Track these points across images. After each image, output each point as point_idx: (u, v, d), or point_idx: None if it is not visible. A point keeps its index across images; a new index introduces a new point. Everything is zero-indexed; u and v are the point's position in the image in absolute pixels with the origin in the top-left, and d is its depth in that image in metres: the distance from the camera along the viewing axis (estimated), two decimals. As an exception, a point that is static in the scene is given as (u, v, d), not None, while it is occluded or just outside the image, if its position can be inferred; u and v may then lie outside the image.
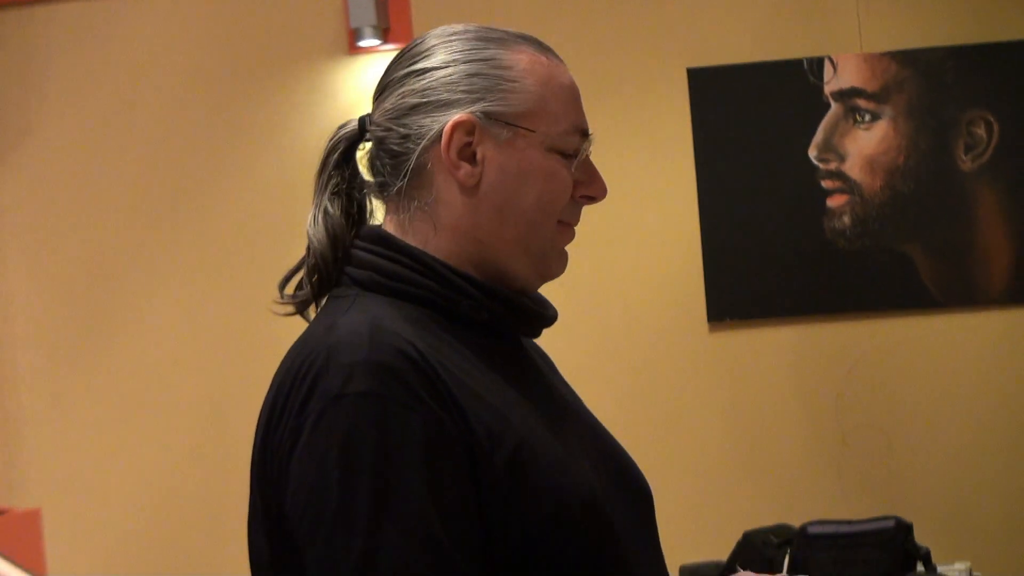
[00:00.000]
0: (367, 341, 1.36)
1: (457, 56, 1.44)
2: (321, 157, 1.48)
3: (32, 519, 4.09)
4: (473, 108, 1.41)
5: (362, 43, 4.07)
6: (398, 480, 1.34)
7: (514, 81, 1.44)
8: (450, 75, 1.43)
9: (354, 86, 4.16)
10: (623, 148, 4.16)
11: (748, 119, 4.11)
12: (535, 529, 1.38)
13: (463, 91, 1.42)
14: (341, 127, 1.48)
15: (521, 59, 1.45)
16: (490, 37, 1.46)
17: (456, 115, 1.40)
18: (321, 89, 4.16)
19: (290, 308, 1.47)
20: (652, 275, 4.20)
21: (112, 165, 4.41)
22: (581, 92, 1.51)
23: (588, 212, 1.66)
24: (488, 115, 1.42)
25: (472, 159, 1.41)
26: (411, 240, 1.45)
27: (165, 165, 4.38)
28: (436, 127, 1.41)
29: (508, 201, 1.43)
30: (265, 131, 4.23)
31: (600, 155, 1.82)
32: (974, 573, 3.87)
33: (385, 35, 4.07)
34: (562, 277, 1.75)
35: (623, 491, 1.48)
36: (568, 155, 1.44)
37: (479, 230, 1.44)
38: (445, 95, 1.43)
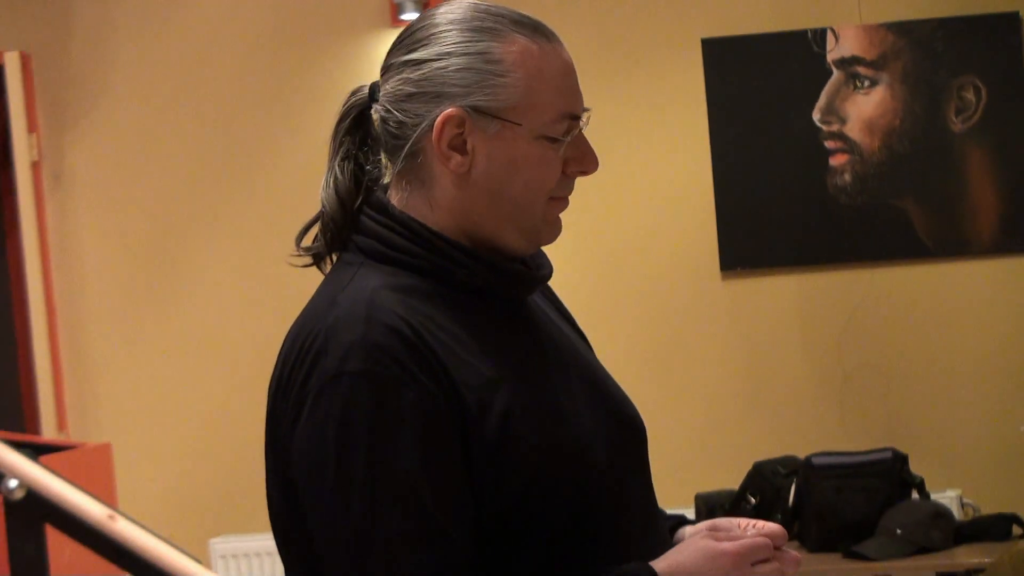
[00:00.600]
0: (363, 321, 1.40)
1: (451, 48, 1.47)
2: (335, 122, 1.54)
3: (103, 453, 4.00)
4: (464, 102, 1.45)
5: (403, 16, 4.21)
6: (392, 454, 1.39)
7: (503, 76, 1.46)
8: (443, 68, 1.47)
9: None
10: (642, 112, 4.33)
11: (757, 85, 4.29)
12: (525, 487, 1.43)
13: (455, 84, 1.45)
14: (353, 93, 1.52)
15: (512, 51, 1.47)
16: (484, 27, 1.49)
17: (447, 108, 1.44)
18: (366, 58, 4.33)
19: (307, 259, 1.53)
20: (669, 228, 4.40)
21: (176, 126, 4.64)
22: (603, 61, 1.70)
23: (611, 171, 1.86)
24: (477, 109, 1.45)
25: (463, 149, 1.45)
26: (411, 212, 1.49)
27: (225, 127, 4.58)
28: (429, 117, 1.45)
29: (498, 187, 1.47)
30: (315, 95, 4.41)
31: (621, 119, 2.05)
32: (964, 499, 4.17)
33: (424, 8, 4.17)
34: (590, 231, 1.96)
35: (617, 431, 1.54)
36: (557, 140, 1.48)
37: (472, 211, 1.48)
38: (438, 87, 1.46)
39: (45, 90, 4.70)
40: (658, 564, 1.45)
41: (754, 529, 1.53)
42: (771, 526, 1.54)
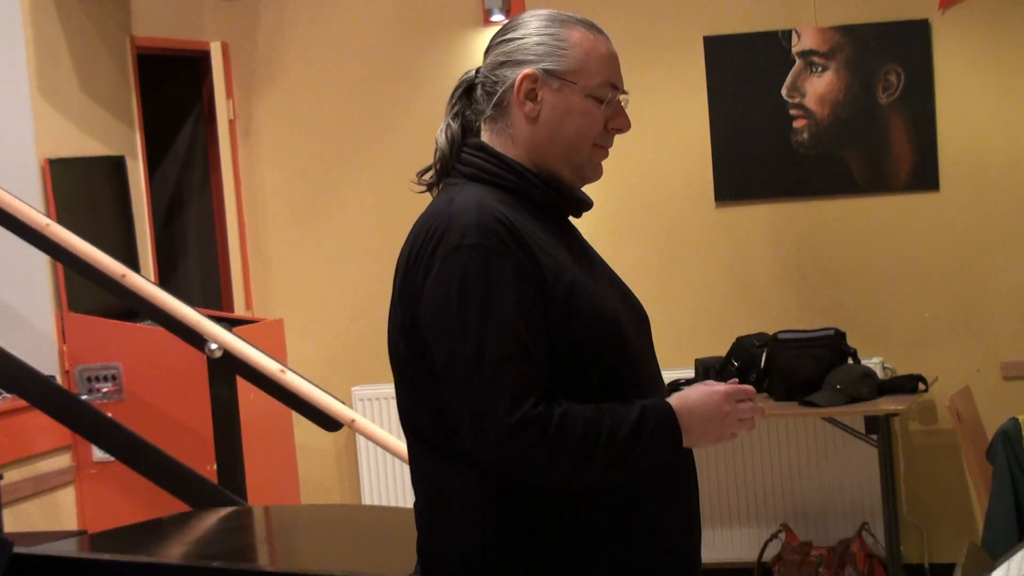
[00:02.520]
0: (475, 212, 1.64)
1: (531, 31, 1.75)
2: (451, 90, 1.79)
3: (277, 325, 5.06)
4: (537, 65, 1.71)
5: (493, 18, 5.12)
6: (496, 303, 1.62)
7: (565, 50, 1.73)
8: (524, 43, 1.74)
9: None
10: (659, 95, 5.12)
11: (742, 70, 5.09)
12: (580, 334, 1.67)
13: (532, 53, 1.72)
14: (465, 73, 1.79)
15: (573, 35, 1.73)
16: (555, 19, 1.77)
17: (526, 69, 1.70)
18: (463, 47, 5.27)
19: (422, 188, 1.80)
20: (681, 170, 5.25)
21: (331, 94, 5.62)
22: (625, 52, 1.89)
23: (637, 136, 2.06)
24: (546, 71, 1.71)
25: (535, 98, 1.70)
26: (498, 148, 1.72)
27: (366, 94, 5.57)
28: (513, 77, 1.71)
29: (557, 128, 1.71)
30: (427, 74, 5.30)
31: (640, 103, 2.24)
32: (885, 364, 5.05)
33: (508, 12, 5.09)
34: (621, 173, 2.33)
35: (633, 317, 1.79)
36: (601, 100, 1.72)
37: (539, 147, 1.71)
38: (520, 56, 1.73)
39: (238, 68, 5.69)
40: (670, 399, 1.70)
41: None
42: (746, 386, 1.77)
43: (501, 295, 1.63)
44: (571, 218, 1.81)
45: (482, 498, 1.70)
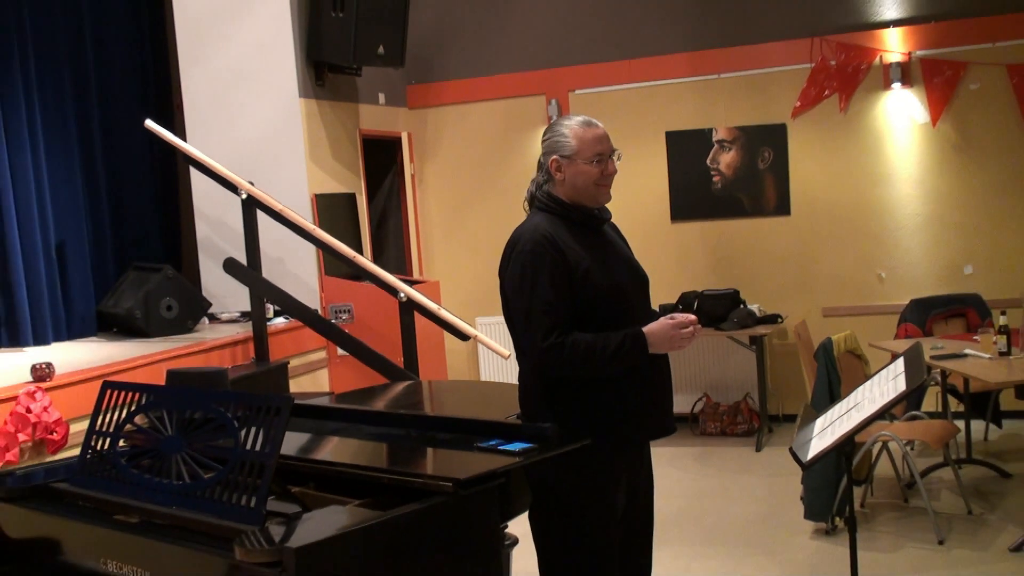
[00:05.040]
0: (531, 232, 2.50)
1: (552, 133, 2.63)
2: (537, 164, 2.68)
3: (435, 285, 6.33)
4: (555, 153, 2.59)
5: (552, 120, 5.53)
6: (539, 280, 2.46)
7: (567, 140, 2.57)
8: (549, 141, 2.64)
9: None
10: (640, 160, 6.67)
11: (686, 148, 6.77)
12: (589, 295, 2.46)
13: (552, 145, 2.60)
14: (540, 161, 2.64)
15: (573, 131, 2.56)
16: (562, 123, 2.58)
17: (552, 157, 2.58)
18: (537, 138, 6.84)
19: (526, 210, 2.66)
20: (651, 201, 6.88)
21: (466, 160, 7.22)
22: (620, 137, 2.91)
23: (628, 178, 4.28)
24: (560, 155, 2.57)
25: (560, 170, 2.58)
26: (553, 193, 2.58)
27: (484, 162, 7.26)
28: (547, 161, 2.61)
29: (573, 183, 2.59)
30: (516, 153, 7.17)
31: (631, 160, 5.07)
32: (760, 308, 6.72)
33: (560, 113, 7.08)
34: (626, 202, 4.35)
35: (636, 281, 2.58)
36: (594, 163, 2.55)
37: (568, 192, 2.58)
38: (548, 148, 2.61)
39: (417, 146, 7.54)
40: (644, 328, 2.47)
41: (683, 315, 2.44)
42: (689, 315, 2.52)
43: (538, 277, 2.44)
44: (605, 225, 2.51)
45: (537, 382, 2.49)
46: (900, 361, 3.13)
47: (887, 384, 3.01)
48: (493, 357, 7.34)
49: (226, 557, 2.13)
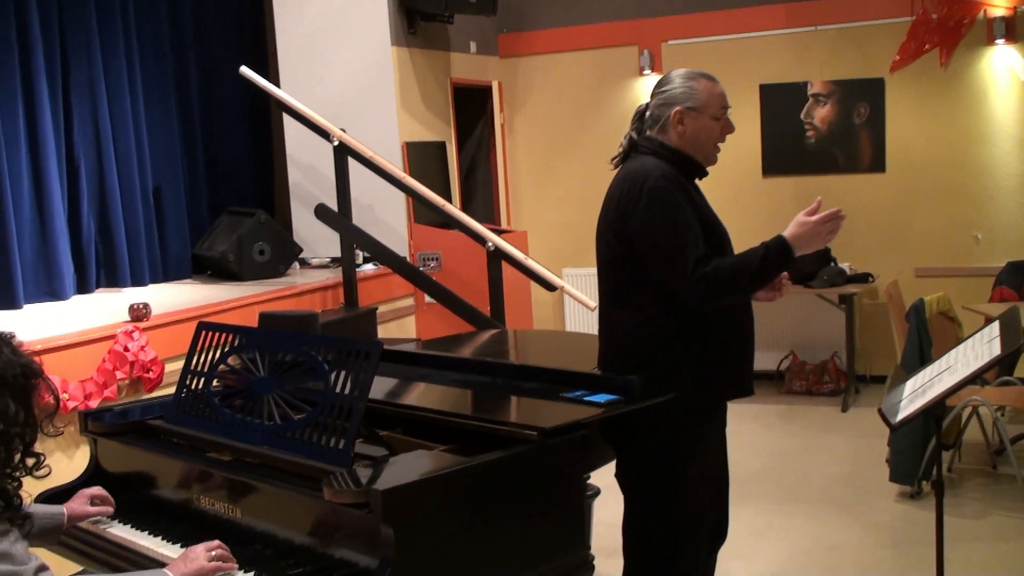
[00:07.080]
0: (657, 168, 2.52)
1: (676, 85, 2.64)
2: (633, 116, 2.71)
3: (523, 235, 6.33)
4: (682, 104, 2.59)
5: (644, 72, 7.04)
6: (680, 214, 2.48)
7: (696, 92, 2.59)
8: (673, 92, 2.63)
9: (647, 90, 6.05)
10: (734, 115, 5.39)
11: (780, 103, 6.78)
12: (708, 233, 2.53)
13: (674, 97, 2.62)
14: (639, 105, 2.71)
15: (699, 84, 2.61)
16: (690, 75, 2.63)
17: (676, 107, 2.57)
18: (627, 89, 7.24)
19: (612, 166, 2.70)
20: (744, 156, 6.93)
21: (556, 110, 7.33)
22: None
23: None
24: (686, 107, 2.57)
25: (682, 122, 2.58)
26: (666, 141, 2.60)
27: (573, 112, 7.36)
28: (669, 112, 2.61)
29: (694, 138, 2.60)
30: (605, 105, 7.24)
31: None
32: (851, 266, 6.64)
33: (653, 68, 7.15)
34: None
35: (720, 234, 2.64)
36: (718, 119, 2.58)
37: (684, 146, 2.61)
38: (671, 99, 2.62)
39: (507, 96, 7.67)
40: (784, 233, 2.50)
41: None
42: (833, 209, 2.47)
43: (680, 212, 2.45)
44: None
45: (632, 327, 2.53)
46: (995, 324, 3.09)
47: (981, 348, 2.97)
48: (579, 308, 7.36)
49: (315, 497, 2.20)
